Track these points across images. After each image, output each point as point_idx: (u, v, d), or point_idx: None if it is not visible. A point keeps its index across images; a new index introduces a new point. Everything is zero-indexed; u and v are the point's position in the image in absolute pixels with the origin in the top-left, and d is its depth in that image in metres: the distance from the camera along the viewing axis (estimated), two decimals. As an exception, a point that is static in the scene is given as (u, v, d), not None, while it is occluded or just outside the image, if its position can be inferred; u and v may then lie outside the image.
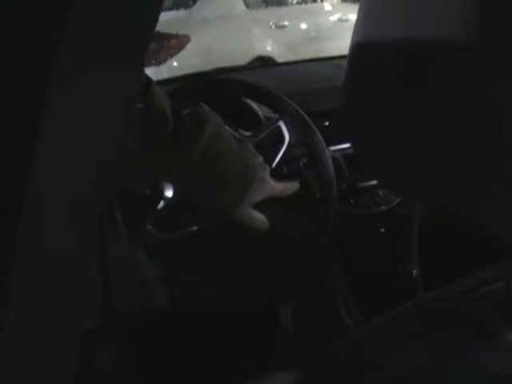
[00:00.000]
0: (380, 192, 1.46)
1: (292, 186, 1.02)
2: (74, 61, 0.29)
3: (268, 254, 1.27)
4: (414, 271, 1.44)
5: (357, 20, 0.41)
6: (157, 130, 0.77)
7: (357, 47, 0.41)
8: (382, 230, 1.49)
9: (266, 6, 4.62)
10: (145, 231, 1.11)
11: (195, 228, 1.12)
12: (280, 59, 4.05)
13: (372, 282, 1.44)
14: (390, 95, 0.37)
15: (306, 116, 1.24)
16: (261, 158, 0.98)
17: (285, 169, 1.25)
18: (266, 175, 0.96)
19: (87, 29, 0.27)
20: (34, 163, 0.31)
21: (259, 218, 0.97)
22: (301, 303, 1.47)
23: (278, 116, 1.22)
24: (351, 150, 1.47)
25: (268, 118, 1.28)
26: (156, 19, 0.30)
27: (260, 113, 1.31)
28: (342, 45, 4.51)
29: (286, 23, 4.53)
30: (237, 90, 1.27)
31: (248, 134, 1.20)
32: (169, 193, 1.10)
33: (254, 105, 1.32)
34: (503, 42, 0.29)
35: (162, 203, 1.10)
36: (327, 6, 4.88)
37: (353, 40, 0.40)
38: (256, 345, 1.41)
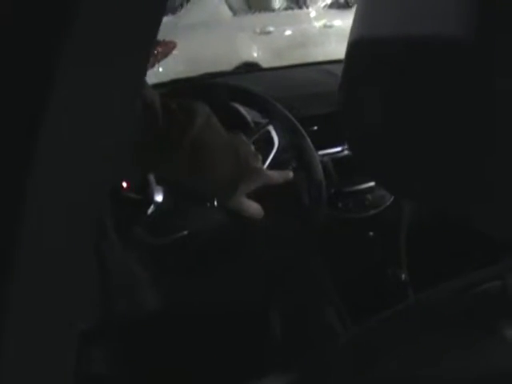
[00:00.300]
0: (368, 196, 1.47)
1: (285, 175, 1.03)
2: (77, 60, 0.29)
3: (258, 258, 1.27)
4: (403, 275, 1.45)
5: (354, 20, 0.41)
6: (147, 123, 0.78)
7: (354, 46, 0.41)
8: (371, 233, 1.50)
9: (252, 12, 4.62)
10: (135, 236, 1.10)
11: (186, 232, 1.12)
12: (265, 65, 4.05)
13: (361, 287, 1.44)
14: (389, 93, 0.37)
15: (295, 120, 1.24)
16: (252, 147, 0.99)
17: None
18: (259, 164, 0.97)
19: (93, 27, 0.27)
20: (35, 162, 0.31)
21: (254, 206, 0.98)
22: (290, 308, 1.47)
23: (267, 120, 1.23)
24: (340, 155, 1.48)
25: (257, 123, 1.28)
26: (160, 18, 0.30)
27: (249, 117, 1.32)
28: (327, 51, 4.53)
29: (272, 29, 4.54)
30: (225, 94, 1.27)
31: (238, 138, 1.20)
32: (159, 197, 1.10)
33: (242, 109, 1.32)
34: (500, 36, 0.29)
35: (151, 208, 1.10)
36: (312, 13, 4.89)
37: (350, 39, 0.41)
38: (245, 349, 1.41)
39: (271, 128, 1.22)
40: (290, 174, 1.04)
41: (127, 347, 1.23)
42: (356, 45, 0.39)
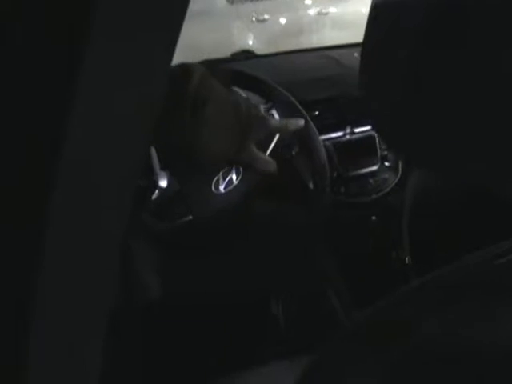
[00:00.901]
0: (371, 180, 1.47)
1: (296, 123, 1.03)
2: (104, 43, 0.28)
3: (263, 243, 1.27)
4: (407, 258, 1.45)
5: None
6: None
7: (372, 26, 0.40)
8: (374, 218, 1.50)
9: (247, 0, 4.61)
10: (140, 221, 1.10)
11: (190, 217, 1.12)
12: (261, 52, 4.04)
13: (364, 271, 1.44)
14: (409, 67, 0.36)
15: (298, 104, 1.24)
16: (250, 100, 1.00)
17: (277, 158, 1.25)
18: (261, 112, 0.97)
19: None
20: (62, 158, 0.31)
21: (265, 158, 0.99)
22: (293, 293, 1.47)
23: (270, 104, 1.22)
24: (341, 139, 1.47)
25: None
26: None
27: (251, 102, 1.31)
28: (322, 38, 4.53)
29: (267, 17, 4.53)
30: (227, 79, 1.27)
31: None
32: (163, 182, 1.09)
33: (243, 94, 1.32)
34: None
35: (156, 193, 1.09)
36: (307, 0, 4.88)
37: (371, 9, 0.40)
38: (248, 336, 1.41)
39: (274, 112, 1.22)
40: (302, 123, 1.03)
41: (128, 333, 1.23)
42: (377, 10, 0.39)
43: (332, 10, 4.68)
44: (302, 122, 1.05)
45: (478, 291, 0.40)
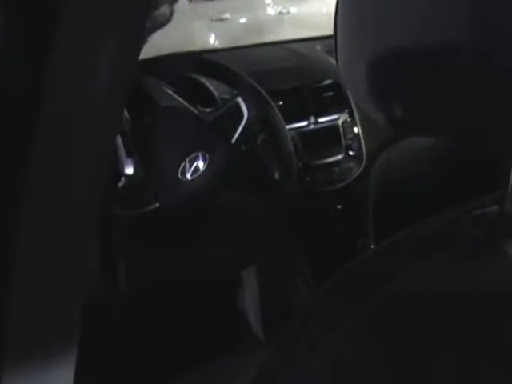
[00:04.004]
0: (335, 169, 1.49)
1: None
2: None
3: (230, 231, 1.27)
4: (372, 246, 1.47)
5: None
6: None
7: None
8: (339, 206, 1.51)
9: (207, 0, 4.59)
10: (106, 209, 1.08)
11: (157, 205, 1.11)
12: (223, 52, 4.04)
13: (331, 258, 1.45)
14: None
15: (264, 93, 1.24)
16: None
17: (243, 146, 1.26)
18: None
19: None
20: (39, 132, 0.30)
21: None
22: (261, 282, 1.48)
23: (236, 92, 1.22)
24: (306, 129, 1.48)
25: (224, 98, 1.28)
26: None
27: (214, 90, 1.31)
28: (282, 38, 4.54)
29: (228, 16, 4.52)
30: (192, 66, 1.27)
31: (208, 110, 1.19)
32: (129, 170, 1.08)
33: (207, 82, 1.32)
34: None
35: (122, 180, 1.08)
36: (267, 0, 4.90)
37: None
38: (217, 323, 1.41)
39: (240, 100, 1.22)
40: None
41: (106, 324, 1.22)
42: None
43: (292, 9, 4.70)
44: None
45: (451, 244, 0.40)
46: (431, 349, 0.34)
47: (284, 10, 4.82)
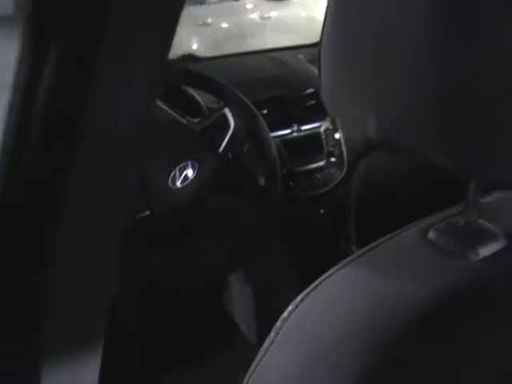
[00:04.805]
0: (318, 175, 1.54)
1: None
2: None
3: (218, 236, 1.31)
4: (353, 248, 1.52)
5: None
6: None
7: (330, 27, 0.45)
8: (322, 211, 1.57)
9: (188, 5, 4.63)
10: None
11: (148, 212, 1.15)
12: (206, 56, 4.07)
13: (314, 262, 1.50)
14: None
15: (249, 103, 1.29)
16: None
17: (230, 154, 1.30)
18: None
19: None
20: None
21: None
22: (248, 285, 1.52)
23: (223, 103, 1.27)
24: (289, 137, 1.54)
25: (210, 108, 1.33)
26: None
27: (201, 101, 1.36)
28: (264, 42, 4.59)
29: (210, 21, 4.56)
30: (180, 77, 1.31)
31: (196, 120, 1.24)
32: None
33: (195, 93, 1.36)
34: None
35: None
36: (249, 4, 4.94)
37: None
38: (205, 326, 1.45)
39: (227, 111, 1.27)
40: None
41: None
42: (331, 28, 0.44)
43: (273, 14, 4.76)
44: None
45: (419, 253, 0.46)
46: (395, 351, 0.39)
47: (265, 15, 4.89)
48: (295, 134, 1.54)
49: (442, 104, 0.36)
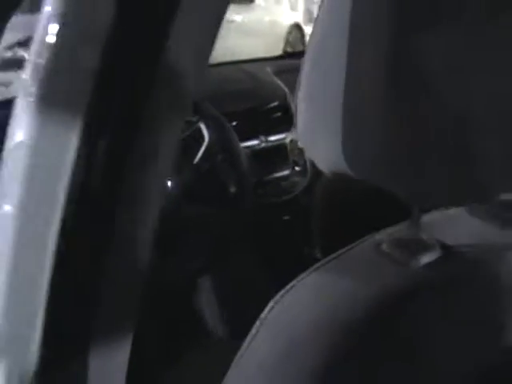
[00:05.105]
0: (283, 183, 1.64)
1: None
2: None
3: (192, 244, 1.39)
4: (317, 253, 1.61)
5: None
6: None
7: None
8: (287, 217, 1.67)
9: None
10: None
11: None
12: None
13: (280, 266, 1.59)
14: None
15: (222, 117, 1.38)
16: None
17: (204, 166, 1.39)
18: None
19: None
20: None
21: None
22: (216, 289, 1.60)
23: (198, 117, 1.36)
24: (257, 147, 1.63)
25: (186, 122, 1.41)
26: None
27: None
28: (228, 45, 4.65)
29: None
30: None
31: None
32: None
33: None
34: None
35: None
36: (213, 8, 5.00)
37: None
38: (178, 325, 1.53)
39: (202, 125, 1.35)
40: None
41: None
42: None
43: (237, 17, 4.84)
44: None
45: (365, 265, 0.54)
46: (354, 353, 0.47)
47: (230, 18, 4.96)
48: (263, 145, 1.63)
49: (388, 148, 0.45)
